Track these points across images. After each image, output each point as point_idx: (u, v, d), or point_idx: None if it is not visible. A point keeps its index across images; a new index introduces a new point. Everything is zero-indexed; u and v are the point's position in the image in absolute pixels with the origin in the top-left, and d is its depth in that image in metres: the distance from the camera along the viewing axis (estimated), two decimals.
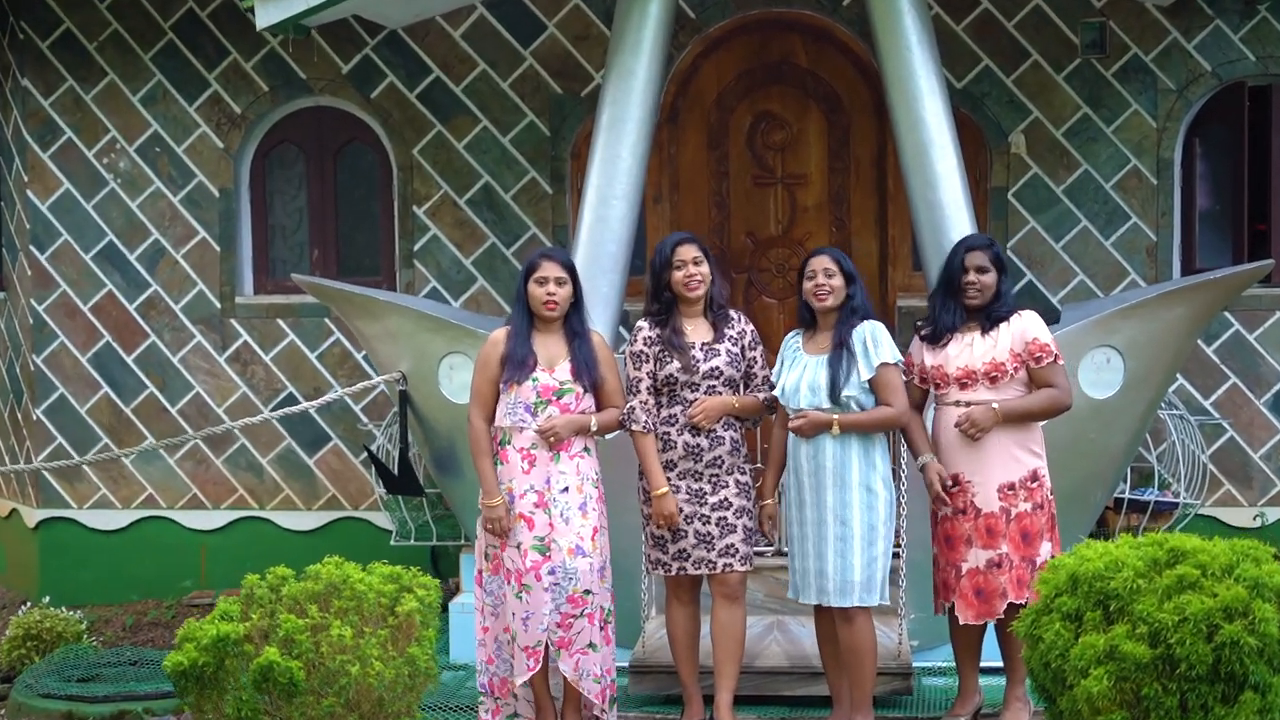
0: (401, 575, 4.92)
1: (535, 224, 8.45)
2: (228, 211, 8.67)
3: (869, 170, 8.46)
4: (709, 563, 5.62)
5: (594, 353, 5.55)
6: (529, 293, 5.50)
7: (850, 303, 5.49)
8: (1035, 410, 5.54)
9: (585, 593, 5.39)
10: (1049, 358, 5.53)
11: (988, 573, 5.51)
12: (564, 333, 5.52)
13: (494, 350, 5.47)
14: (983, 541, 5.51)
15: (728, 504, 5.65)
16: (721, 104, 8.54)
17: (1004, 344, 5.54)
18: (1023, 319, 5.59)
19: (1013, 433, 5.54)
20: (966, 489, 5.55)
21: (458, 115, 8.50)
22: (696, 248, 5.58)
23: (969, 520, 5.53)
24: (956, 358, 5.58)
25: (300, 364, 8.68)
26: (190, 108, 8.67)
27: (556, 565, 5.34)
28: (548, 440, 5.35)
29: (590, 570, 5.40)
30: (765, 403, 5.69)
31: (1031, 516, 5.52)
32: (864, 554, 5.43)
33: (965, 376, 5.54)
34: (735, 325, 5.64)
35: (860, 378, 5.40)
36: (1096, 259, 8.26)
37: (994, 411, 5.47)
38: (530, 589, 5.35)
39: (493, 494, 5.36)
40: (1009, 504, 5.51)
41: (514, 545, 5.40)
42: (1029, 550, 5.52)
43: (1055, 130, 8.26)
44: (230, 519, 8.72)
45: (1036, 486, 5.55)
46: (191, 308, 8.73)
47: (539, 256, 5.55)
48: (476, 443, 5.44)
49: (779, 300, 8.57)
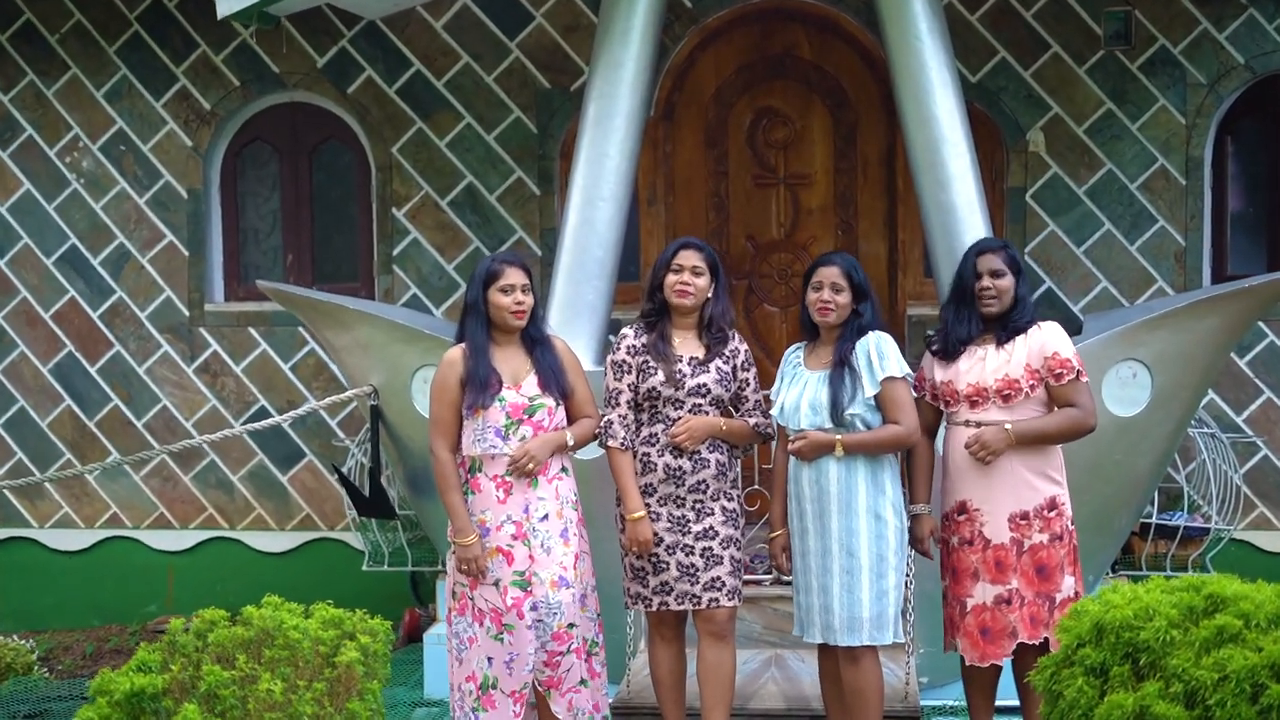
0: (345, 620, 4.45)
1: (522, 227, 8.34)
2: (197, 214, 8.57)
3: (877, 170, 8.36)
4: (693, 597, 5.31)
5: (559, 359, 5.25)
6: (491, 302, 5.16)
7: (857, 320, 5.20)
8: (1052, 432, 5.21)
9: (569, 626, 5.10)
10: (1070, 374, 5.20)
11: (995, 609, 5.20)
12: (522, 342, 5.21)
13: (451, 373, 5.12)
14: (990, 575, 5.21)
15: (713, 533, 5.31)
16: (720, 99, 8.44)
17: (1019, 358, 5.22)
18: (1042, 330, 5.26)
19: (1026, 456, 5.22)
20: (974, 518, 5.25)
21: (439, 111, 8.40)
22: (701, 258, 5.26)
23: (976, 552, 5.23)
24: (967, 373, 5.27)
25: (273, 375, 8.56)
26: (157, 103, 8.58)
27: (539, 600, 5.05)
28: (525, 469, 5.07)
29: (573, 601, 5.13)
30: (757, 430, 5.38)
31: (1048, 549, 5.19)
32: (873, 587, 5.14)
33: (975, 394, 5.23)
34: (729, 344, 5.36)
35: (865, 394, 5.12)
36: (1121, 265, 8.11)
37: (1006, 433, 5.15)
38: (513, 629, 5.05)
39: (466, 531, 5.04)
40: (1021, 535, 5.19)
41: (490, 583, 5.11)
42: (1045, 585, 5.20)
43: (1077, 127, 8.12)
44: (199, 539, 8.64)
45: (1054, 516, 5.22)
46: (158, 315, 8.62)
47: (499, 263, 5.20)
48: (443, 477, 5.10)
49: (781, 309, 8.48)
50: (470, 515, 5.11)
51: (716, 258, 5.36)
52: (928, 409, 5.40)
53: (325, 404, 7.26)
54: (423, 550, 7.77)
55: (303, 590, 8.09)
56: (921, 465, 5.36)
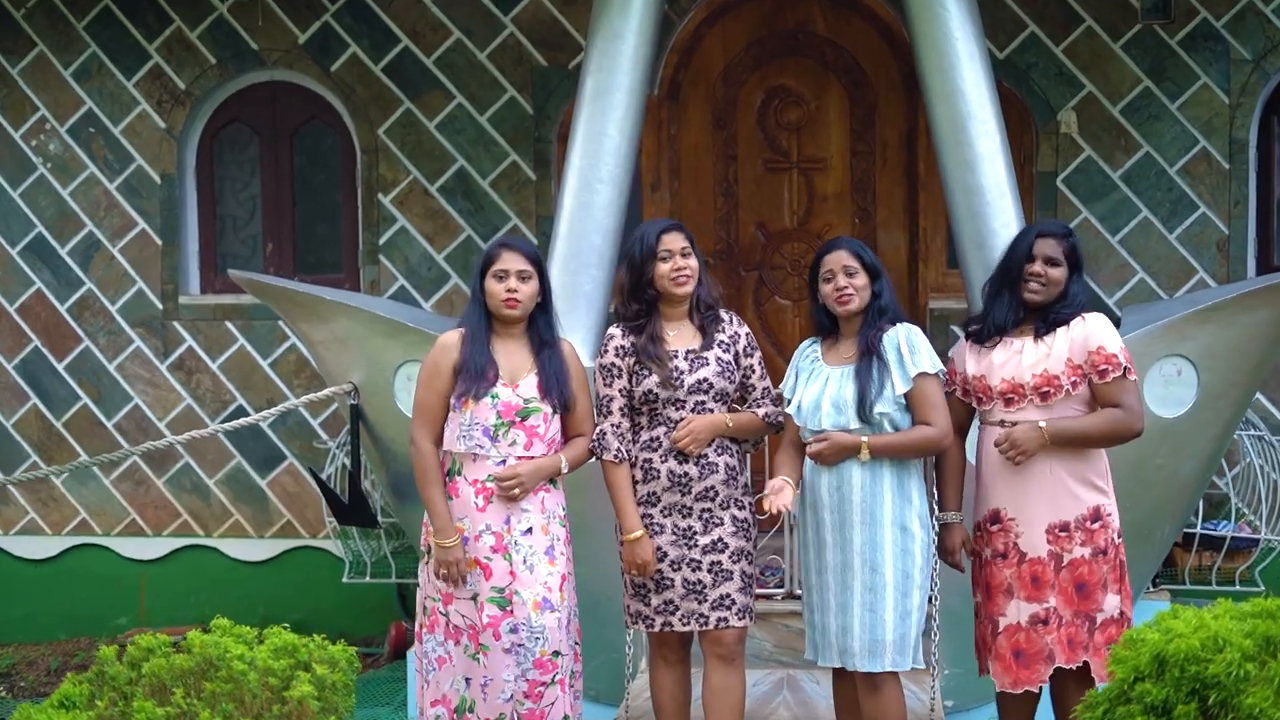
0: (300, 647, 3.97)
1: (516, 214, 8.20)
2: (171, 200, 8.48)
3: (897, 153, 8.21)
4: (700, 617, 5.02)
5: (565, 365, 4.98)
6: (486, 289, 4.94)
7: (877, 302, 4.97)
8: (1093, 434, 4.90)
9: (554, 655, 4.84)
10: (1116, 371, 4.88)
11: (1030, 630, 4.92)
12: (529, 340, 4.98)
13: (445, 357, 4.89)
14: (1025, 592, 4.92)
15: (722, 545, 5.01)
16: (729, 78, 8.30)
17: (1060, 352, 4.91)
18: (1086, 323, 4.96)
19: (1066, 460, 4.91)
20: (1009, 528, 4.96)
21: (429, 91, 8.29)
22: (684, 237, 5.07)
23: (1010, 566, 4.95)
24: (1002, 367, 4.97)
25: (252, 373, 8.45)
26: (129, 83, 8.46)
27: (520, 622, 4.79)
28: (509, 493, 4.82)
29: (559, 627, 4.86)
30: (767, 421, 5.11)
31: (1090, 564, 4.90)
32: (897, 607, 4.86)
33: (1011, 391, 4.93)
34: (726, 328, 5.11)
35: (895, 391, 4.87)
36: (1159, 254, 7.97)
37: (1040, 432, 4.85)
38: (488, 649, 4.79)
39: (447, 531, 4.79)
40: (1060, 548, 4.90)
41: (467, 597, 4.85)
42: (1086, 605, 4.90)
43: (1112, 107, 7.99)
44: (172, 547, 8.53)
45: (1098, 528, 4.91)
46: (130, 309, 8.50)
47: (497, 246, 5.01)
48: (423, 470, 4.88)
49: (794, 301, 8.27)
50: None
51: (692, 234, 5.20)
52: (958, 406, 5.11)
53: (303, 402, 7.04)
54: (407, 560, 7.56)
55: (283, 602, 8.32)
56: (952, 469, 5.08)
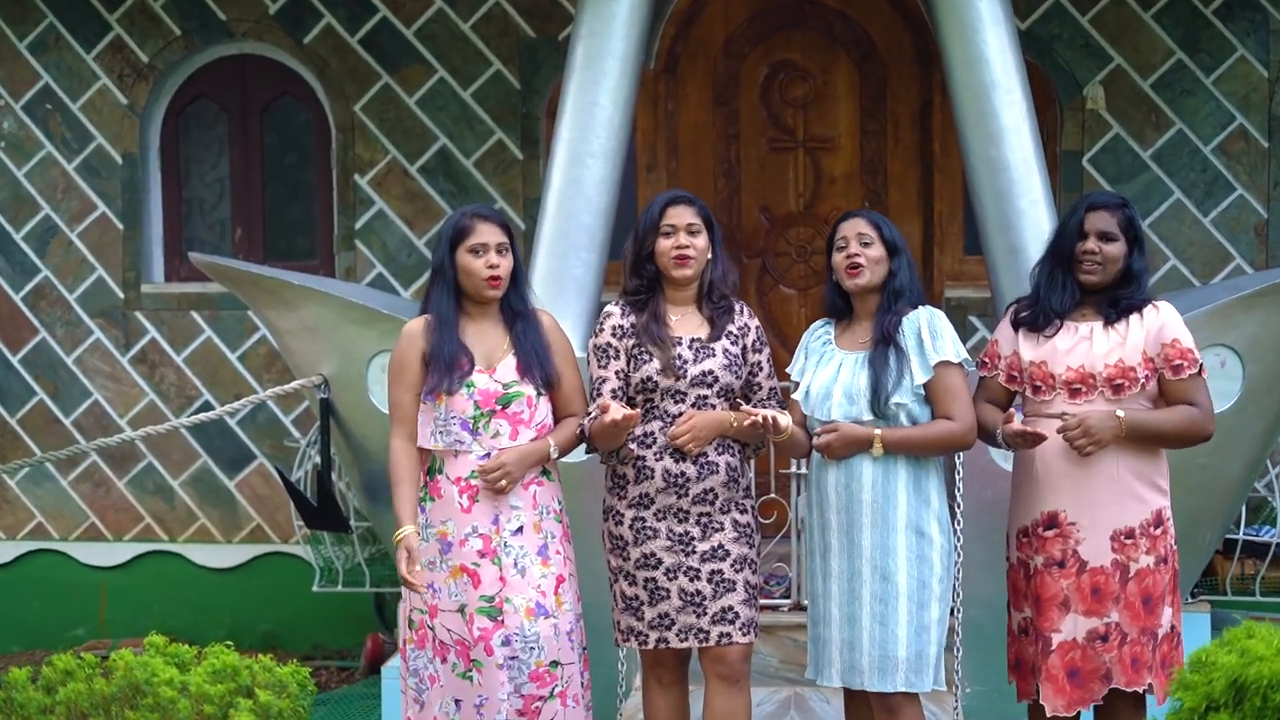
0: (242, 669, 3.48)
1: (503, 196, 7.97)
2: (133, 182, 8.27)
3: (910, 132, 8.03)
4: (699, 632, 4.69)
5: (543, 338, 4.71)
6: (460, 266, 4.63)
7: (892, 282, 4.71)
8: (1168, 431, 4.63)
9: (552, 665, 4.53)
10: (1191, 367, 4.63)
11: (1088, 647, 4.61)
12: (502, 317, 4.71)
13: (411, 349, 4.61)
14: (1085, 605, 4.62)
15: (723, 553, 4.68)
16: (730, 51, 8.10)
17: (1136, 342, 4.64)
18: (1160, 313, 4.70)
19: (1135, 459, 4.62)
20: (1068, 534, 4.65)
21: (408, 64, 8.10)
22: (695, 212, 4.77)
23: (1068, 576, 4.64)
24: (1069, 354, 4.68)
25: (219, 366, 8.23)
26: (88, 56, 8.26)
27: (513, 632, 4.49)
28: (495, 486, 4.54)
29: (555, 635, 4.55)
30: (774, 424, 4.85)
31: (1154, 574, 4.61)
32: (913, 621, 4.56)
33: (1079, 380, 4.63)
34: (737, 319, 4.84)
35: (914, 381, 4.59)
36: (1192, 239, 7.77)
37: (1119, 421, 4.55)
38: (481, 666, 4.48)
39: (401, 520, 4.54)
40: (1126, 557, 4.61)
41: (453, 609, 4.55)
42: (1150, 620, 4.60)
43: (1142, 81, 7.79)
44: (134, 553, 8.32)
45: (1160, 533, 4.64)
46: (89, 298, 8.30)
47: (469, 217, 4.69)
48: (393, 469, 4.63)
49: (799, 290, 8.04)
50: (429, 526, 4.58)
51: (709, 211, 4.88)
52: (998, 390, 4.86)
53: (269, 395, 6.70)
54: (383, 568, 7.43)
55: (252, 612, 7.91)
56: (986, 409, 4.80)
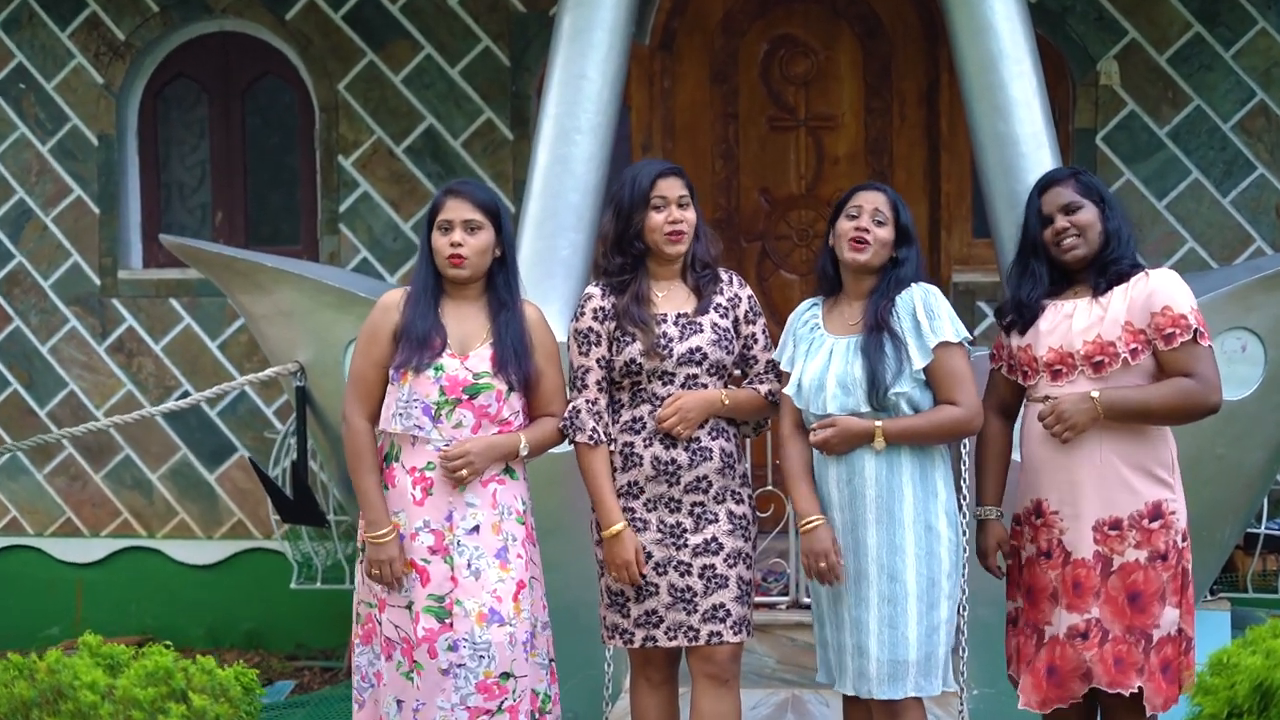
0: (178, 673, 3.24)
1: (492, 177, 7.81)
2: (109, 164, 8.14)
3: (916, 110, 7.85)
4: (689, 630, 4.52)
5: (525, 333, 4.52)
6: (432, 244, 4.53)
7: (897, 270, 4.48)
8: (1155, 406, 4.32)
9: (503, 676, 4.35)
10: (1184, 334, 4.31)
11: (1067, 644, 4.41)
12: (487, 304, 4.53)
13: (385, 320, 4.48)
14: (1068, 599, 4.41)
15: (716, 546, 4.52)
16: (729, 26, 7.93)
17: (1116, 314, 4.36)
18: (1150, 279, 4.41)
19: (1121, 443, 4.35)
20: (1052, 523, 4.44)
21: (394, 41, 7.95)
22: (683, 184, 4.64)
23: (1056, 567, 4.44)
24: (1049, 334, 4.46)
25: (199, 355, 8.08)
26: (63, 34, 8.12)
27: (460, 637, 4.33)
28: (457, 475, 4.39)
29: (510, 644, 4.36)
30: (771, 400, 4.65)
31: (1145, 570, 4.34)
32: (922, 622, 4.38)
33: (1058, 361, 4.40)
34: (725, 290, 4.68)
35: (913, 366, 4.39)
36: (1211, 221, 7.61)
37: (1092, 403, 4.31)
38: (422, 669, 4.33)
39: (380, 523, 4.36)
40: (1109, 549, 4.37)
41: (402, 605, 4.38)
42: (1139, 619, 4.35)
43: (1158, 55, 7.65)
44: (111, 549, 8.18)
45: (1158, 527, 4.34)
46: (64, 285, 8.18)
47: (444, 193, 4.57)
48: (356, 453, 4.44)
49: (801, 276, 7.84)
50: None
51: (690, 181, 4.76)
52: (1004, 385, 4.64)
53: (242, 384, 6.53)
54: None
55: (233, 610, 7.73)
56: (993, 456, 4.63)
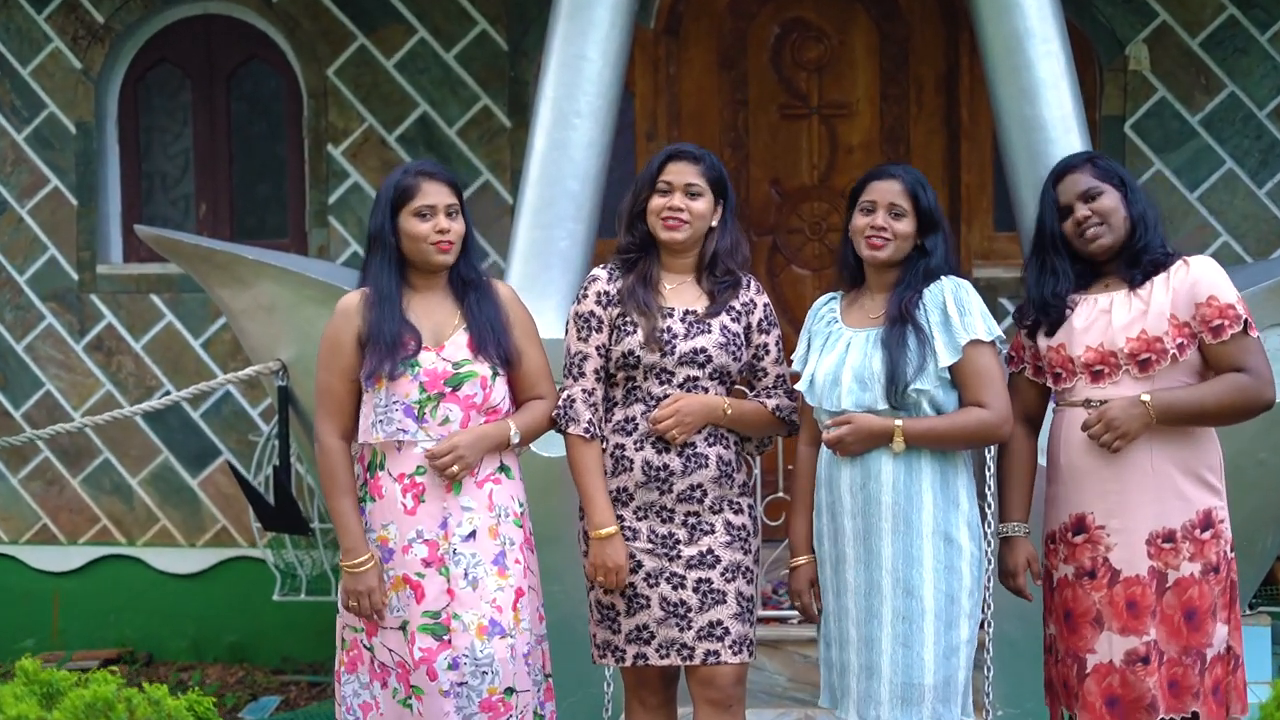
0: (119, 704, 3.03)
1: (488, 167, 7.67)
2: (88, 153, 8.01)
3: (934, 98, 7.70)
4: (683, 649, 4.32)
5: (500, 311, 4.38)
6: (404, 232, 4.30)
7: (925, 261, 4.28)
8: (1211, 406, 4.13)
9: (507, 692, 4.20)
10: (1234, 325, 4.11)
11: (1127, 671, 4.12)
12: (451, 288, 4.40)
13: (346, 326, 4.31)
14: (1120, 622, 4.14)
15: (712, 559, 4.32)
16: (737, 9, 7.79)
17: (1160, 306, 4.13)
18: (1190, 268, 4.19)
19: (1172, 448, 4.14)
20: (1097, 539, 4.19)
21: (386, 24, 7.80)
22: (700, 172, 4.40)
23: (1100, 588, 4.17)
24: (1086, 331, 4.21)
25: (181, 354, 7.91)
26: (39, 16, 7.96)
27: (461, 654, 4.17)
28: (448, 472, 4.23)
29: (512, 657, 4.21)
30: (778, 416, 4.44)
31: (1200, 584, 4.12)
32: (940, 642, 4.20)
33: (1100, 360, 4.16)
34: (742, 294, 4.47)
35: (938, 363, 4.20)
36: (1246, 213, 7.41)
37: (1144, 407, 4.09)
38: (422, 693, 4.17)
39: (356, 551, 4.20)
40: (1165, 564, 4.13)
41: (395, 627, 4.21)
42: (1196, 638, 4.11)
43: (1190, 39, 7.46)
44: (90, 558, 8.04)
45: (1210, 537, 4.12)
46: (41, 280, 8.02)
47: (414, 176, 4.38)
48: (328, 474, 4.30)
49: (814, 271, 7.69)
50: (369, 531, 4.24)
51: (722, 170, 4.47)
52: (1028, 389, 4.43)
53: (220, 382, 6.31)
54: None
55: (217, 622, 7.56)
56: (1019, 467, 4.42)
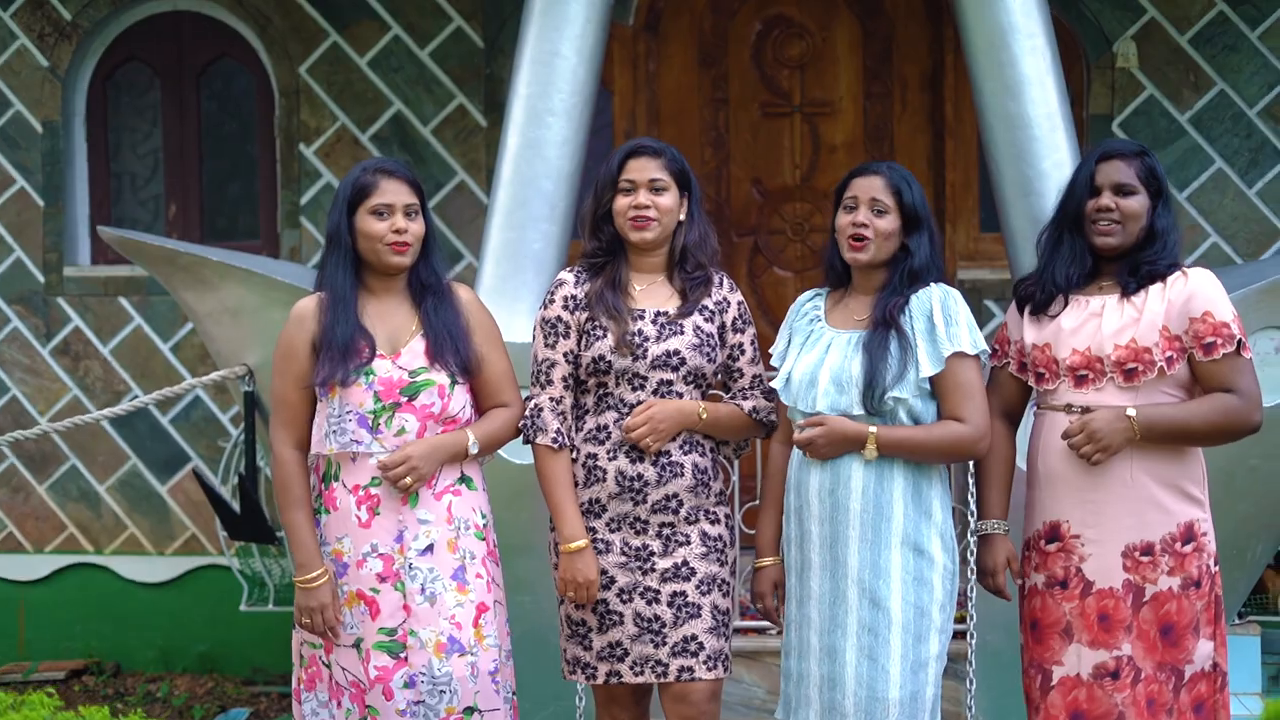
0: None
1: (464, 167, 7.62)
2: (55, 153, 7.94)
3: (919, 95, 7.66)
4: (657, 665, 4.25)
5: (460, 316, 4.26)
6: (360, 231, 4.19)
7: (909, 261, 4.23)
8: (1197, 426, 4.12)
9: (467, 712, 4.11)
10: (1227, 345, 4.09)
11: (1093, 685, 4.13)
12: (408, 292, 4.29)
13: (300, 332, 4.22)
14: (1090, 635, 4.15)
15: (687, 571, 4.25)
16: (718, 5, 7.73)
17: (1154, 316, 4.10)
18: (1189, 280, 4.17)
19: (1156, 461, 4.11)
20: (1071, 548, 4.17)
21: (359, 20, 7.73)
22: (661, 165, 4.31)
23: (1071, 598, 4.17)
24: (1075, 333, 4.17)
25: (150, 358, 7.83)
26: (4, 13, 7.89)
27: (418, 671, 4.08)
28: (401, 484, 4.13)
29: (473, 675, 4.12)
30: (755, 418, 4.37)
31: (1179, 599, 4.11)
32: (907, 656, 4.13)
33: (1085, 365, 4.11)
34: (715, 292, 4.39)
35: (919, 372, 4.15)
36: (1235, 213, 7.36)
37: (1128, 422, 4.05)
38: (378, 714, 4.09)
39: (309, 566, 4.11)
40: (1142, 577, 4.11)
41: (348, 644, 4.11)
42: (1173, 654, 4.10)
43: (1179, 36, 7.42)
44: (56, 566, 7.98)
45: (1191, 551, 4.09)
46: (6, 282, 7.96)
47: (372, 173, 4.25)
48: (283, 488, 4.20)
49: (796, 273, 7.61)
50: (323, 544, 4.11)
51: (684, 161, 4.39)
52: (1009, 385, 4.37)
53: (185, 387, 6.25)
54: None
55: (187, 631, 7.54)
56: (997, 464, 4.38)
